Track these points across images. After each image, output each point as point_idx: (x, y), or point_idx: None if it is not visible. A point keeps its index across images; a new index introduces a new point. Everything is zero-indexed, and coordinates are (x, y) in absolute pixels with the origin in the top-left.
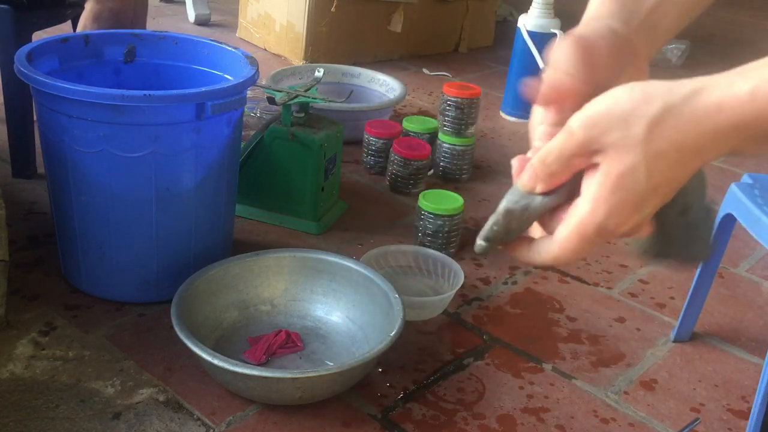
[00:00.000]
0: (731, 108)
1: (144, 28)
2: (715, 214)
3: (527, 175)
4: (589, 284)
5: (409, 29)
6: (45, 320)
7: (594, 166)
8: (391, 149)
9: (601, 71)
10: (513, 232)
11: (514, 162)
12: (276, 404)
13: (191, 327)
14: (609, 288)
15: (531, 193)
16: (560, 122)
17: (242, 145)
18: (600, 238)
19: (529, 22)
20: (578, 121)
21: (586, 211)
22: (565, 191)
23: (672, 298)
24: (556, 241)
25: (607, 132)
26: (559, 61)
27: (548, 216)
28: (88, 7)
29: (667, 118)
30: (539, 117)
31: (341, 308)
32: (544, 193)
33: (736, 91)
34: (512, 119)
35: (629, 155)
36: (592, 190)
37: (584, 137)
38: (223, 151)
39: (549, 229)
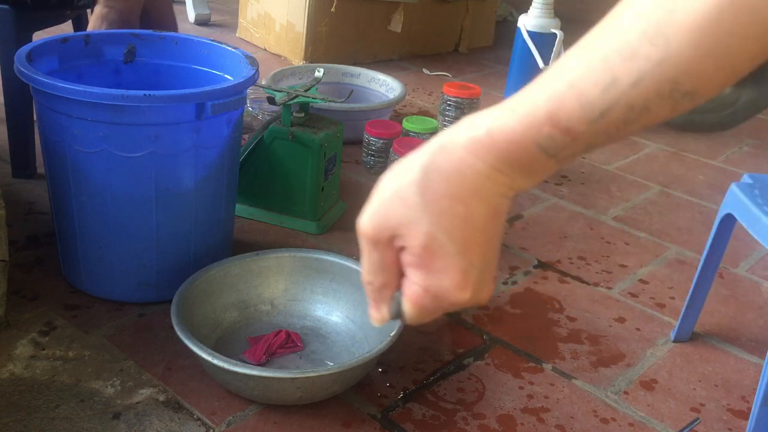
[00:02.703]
0: (477, 151)
1: (175, 26)
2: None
3: (371, 304)
4: (589, 284)
5: (409, 29)
6: (45, 320)
7: (402, 249)
8: (391, 149)
9: None
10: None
11: None
12: (276, 404)
13: (191, 327)
14: (609, 288)
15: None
16: None
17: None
18: (444, 304)
19: (529, 22)
20: (362, 219)
21: (415, 292)
22: None
23: (672, 298)
24: (404, 317)
25: (389, 216)
26: None
27: None
28: (97, 10)
29: (430, 178)
30: None
31: (341, 308)
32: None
33: (475, 135)
34: None
35: (420, 225)
36: (410, 271)
37: (373, 229)
38: (223, 151)
39: None
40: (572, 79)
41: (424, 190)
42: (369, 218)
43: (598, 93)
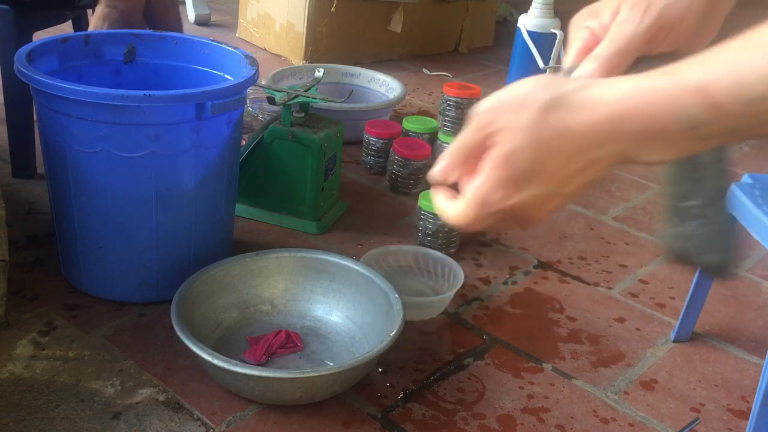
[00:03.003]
0: (607, 101)
1: (179, 24)
2: (730, 219)
3: (441, 166)
4: (589, 284)
5: (409, 29)
6: (45, 320)
7: (492, 147)
8: (391, 149)
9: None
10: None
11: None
12: (276, 404)
13: (191, 327)
14: (609, 288)
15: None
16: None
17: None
18: (487, 209)
19: (529, 22)
20: (481, 106)
21: (478, 184)
22: None
23: (672, 298)
24: (458, 206)
25: (502, 115)
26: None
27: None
28: (98, 10)
29: (554, 107)
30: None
31: (341, 308)
32: None
33: (615, 89)
34: None
35: (517, 137)
36: (486, 165)
37: (482, 119)
38: (223, 151)
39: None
40: (732, 60)
41: (542, 115)
42: (487, 109)
43: (758, 78)
